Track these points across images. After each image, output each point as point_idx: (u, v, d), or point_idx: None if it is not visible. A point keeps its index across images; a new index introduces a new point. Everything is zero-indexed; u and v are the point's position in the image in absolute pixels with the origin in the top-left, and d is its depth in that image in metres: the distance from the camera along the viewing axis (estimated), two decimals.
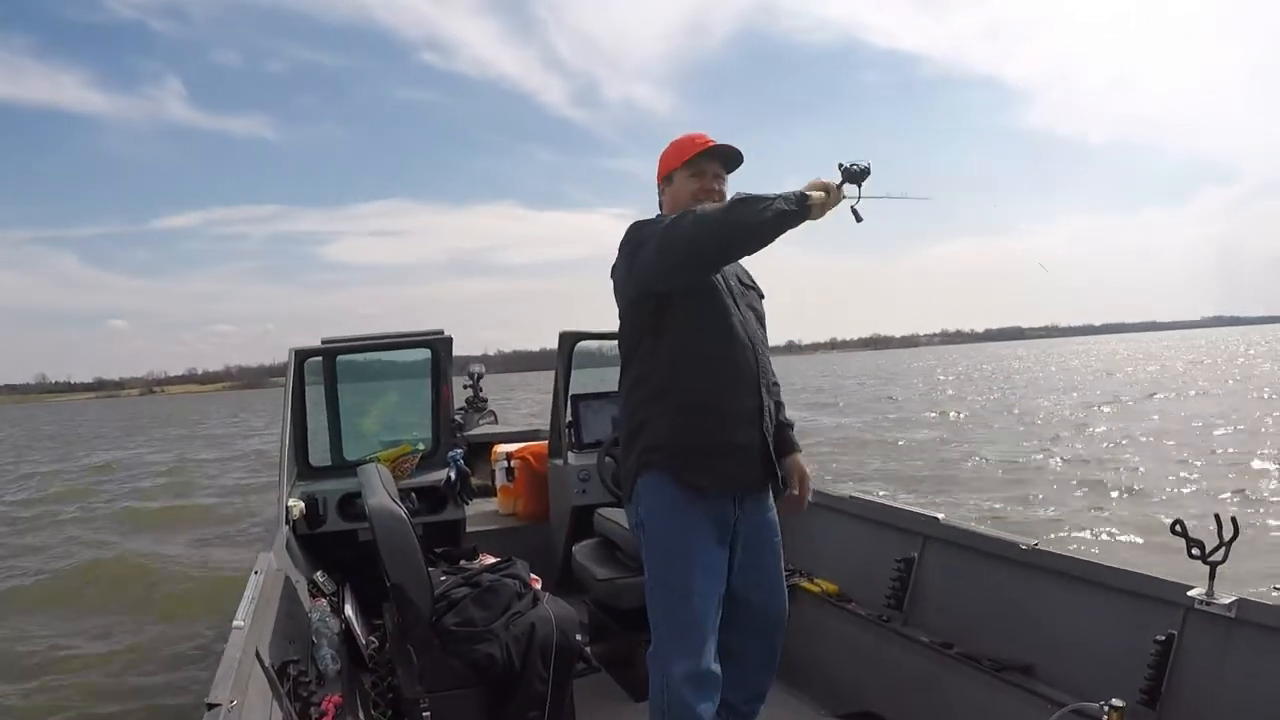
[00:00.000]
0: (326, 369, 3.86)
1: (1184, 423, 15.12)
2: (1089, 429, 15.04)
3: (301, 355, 3.70)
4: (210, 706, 1.56)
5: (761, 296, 2.28)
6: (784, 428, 2.23)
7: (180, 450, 22.29)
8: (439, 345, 3.84)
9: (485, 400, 6.04)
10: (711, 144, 2.16)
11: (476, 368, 6.15)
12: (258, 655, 1.94)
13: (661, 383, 2.01)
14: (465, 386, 6.02)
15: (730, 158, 2.19)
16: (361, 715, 2.48)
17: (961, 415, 19.43)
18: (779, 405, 2.18)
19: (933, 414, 20.14)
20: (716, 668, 1.99)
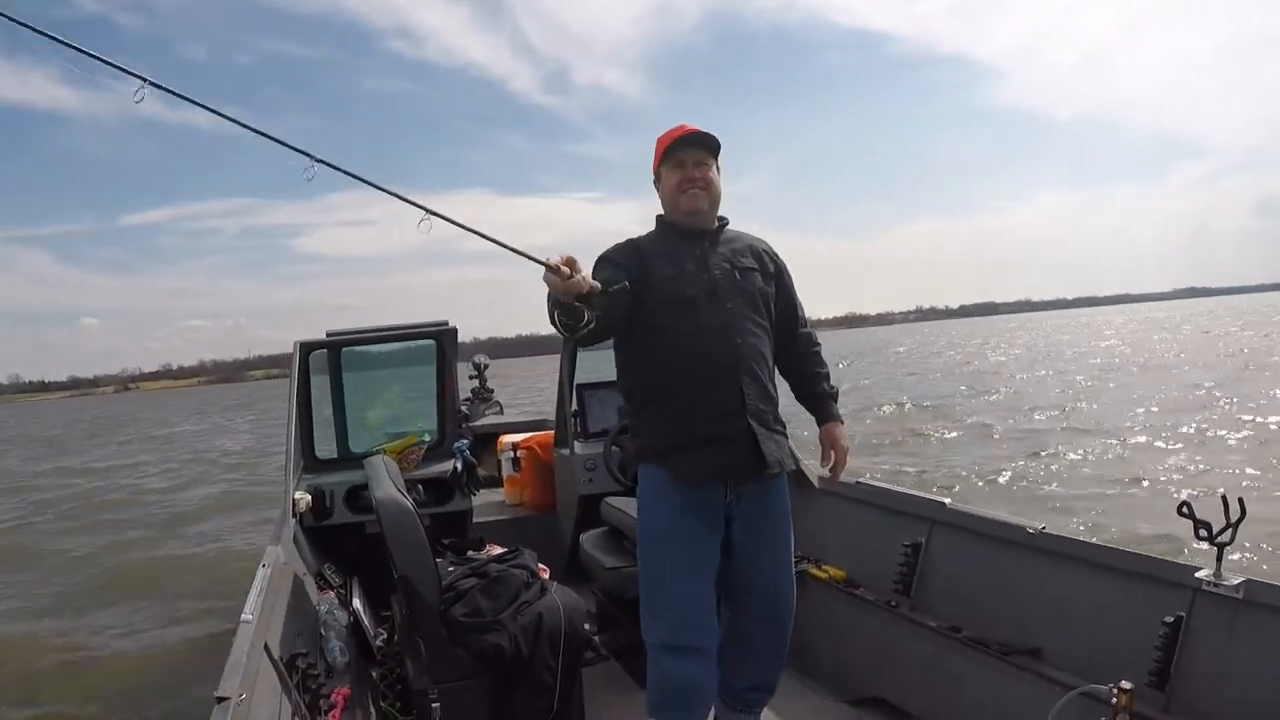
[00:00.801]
0: (331, 361, 3.86)
1: None
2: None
3: (306, 348, 3.70)
4: (220, 700, 1.56)
5: (772, 273, 2.27)
6: (821, 398, 2.34)
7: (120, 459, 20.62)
8: (443, 336, 3.84)
9: (491, 391, 6.04)
10: (680, 134, 2.17)
11: (481, 358, 6.14)
12: (266, 648, 1.94)
13: (643, 391, 2.17)
14: (470, 377, 6.03)
15: (705, 142, 2.19)
16: (370, 707, 2.49)
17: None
18: (761, 391, 2.14)
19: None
20: (701, 643, 2.09)
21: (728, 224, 2.28)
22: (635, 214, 2.29)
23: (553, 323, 1.93)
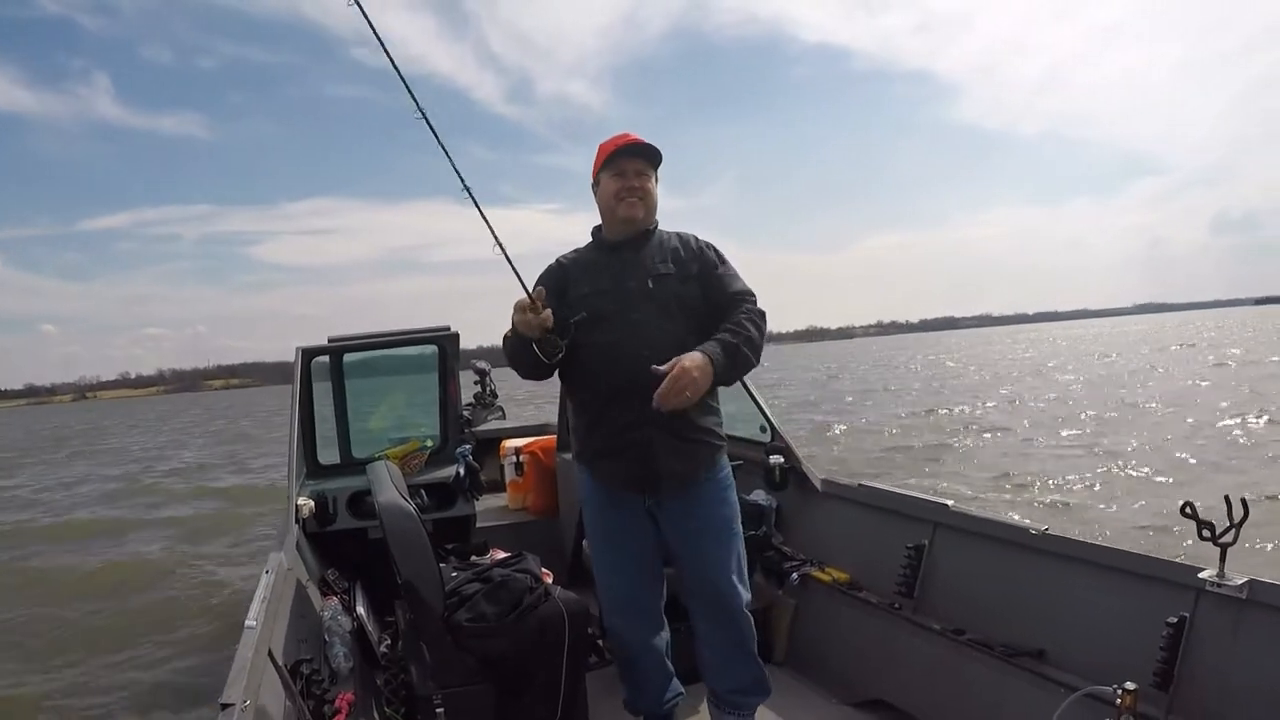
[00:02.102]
0: (334, 367, 3.87)
1: None
2: None
3: (308, 354, 3.71)
4: (224, 706, 1.56)
5: (694, 273, 2.23)
6: (714, 340, 2.12)
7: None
8: (445, 341, 3.85)
9: (494, 396, 6.04)
10: (623, 143, 2.22)
11: (482, 364, 6.14)
12: (270, 655, 1.94)
13: (572, 403, 2.37)
14: (474, 383, 6.03)
15: (647, 153, 2.23)
16: (375, 712, 2.49)
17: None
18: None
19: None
20: (621, 629, 2.38)
21: (654, 229, 2.31)
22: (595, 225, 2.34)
23: (524, 359, 2.15)
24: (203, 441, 24.66)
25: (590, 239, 2.37)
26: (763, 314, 2.23)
